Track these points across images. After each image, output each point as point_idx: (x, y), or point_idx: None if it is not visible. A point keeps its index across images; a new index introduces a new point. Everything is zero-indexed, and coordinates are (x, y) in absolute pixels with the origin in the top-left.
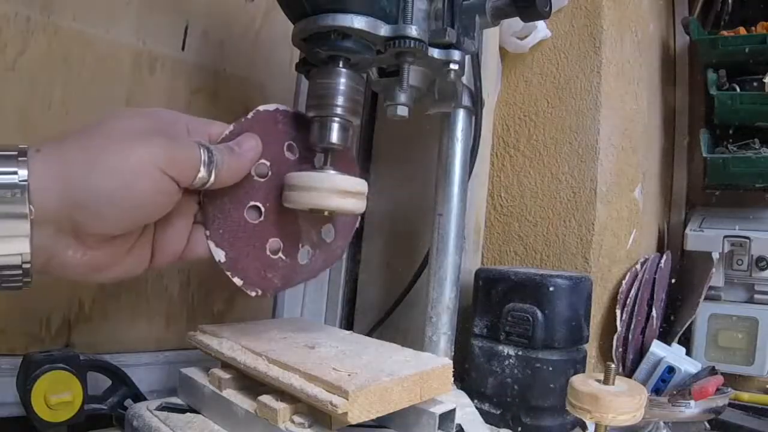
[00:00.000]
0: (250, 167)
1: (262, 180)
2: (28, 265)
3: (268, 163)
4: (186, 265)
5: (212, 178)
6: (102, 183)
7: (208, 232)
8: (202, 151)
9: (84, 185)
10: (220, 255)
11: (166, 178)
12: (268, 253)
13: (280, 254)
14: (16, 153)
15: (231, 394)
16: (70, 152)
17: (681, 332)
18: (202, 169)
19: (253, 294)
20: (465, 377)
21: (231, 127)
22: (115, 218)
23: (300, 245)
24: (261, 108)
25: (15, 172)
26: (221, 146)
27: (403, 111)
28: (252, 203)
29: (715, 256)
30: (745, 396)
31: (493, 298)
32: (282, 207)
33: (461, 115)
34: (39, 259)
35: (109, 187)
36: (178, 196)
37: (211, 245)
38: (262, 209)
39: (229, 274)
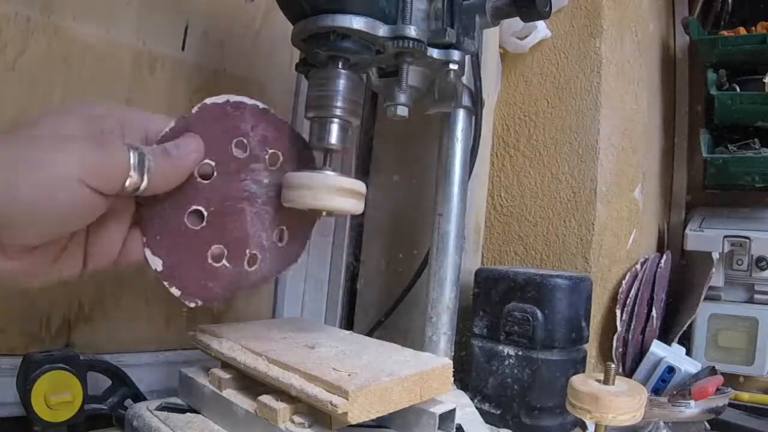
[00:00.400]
0: (189, 172)
1: (206, 182)
2: None
3: (213, 163)
4: None
5: (144, 183)
6: (19, 194)
7: (144, 238)
8: (132, 154)
9: (4, 195)
10: (156, 263)
11: (87, 190)
12: (209, 260)
13: (224, 261)
14: None
15: (231, 394)
16: None
17: (681, 332)
18: (133, 174)
19: (192, 305)
20: (465, 377)
21: (172, 123)
22: (33, 230)
23: (247, 251)
24: (208, 101)
25: None
26: (156, 148)
27: (402, 111)
28: (193, 207)
29: (715, 256)
30: (745, 396)
31: (493, 298)
32: (227, 210)
33: (461, 115)
34: None
35: (25, 200)
36: (104, 206)
37: (148, 253)
38: (205, 213)
39: (166, 284)
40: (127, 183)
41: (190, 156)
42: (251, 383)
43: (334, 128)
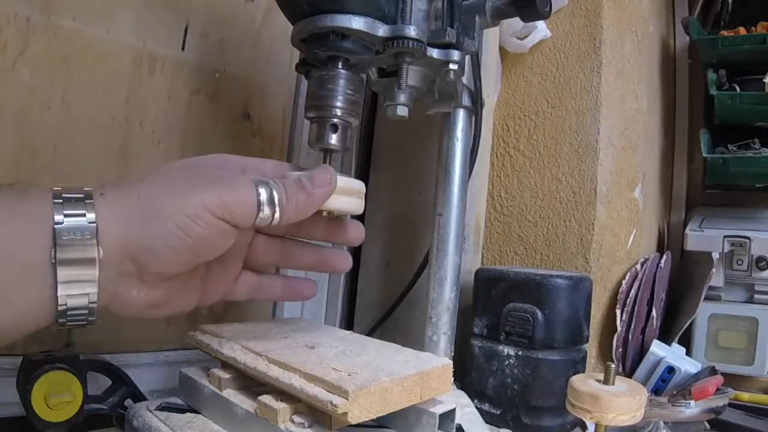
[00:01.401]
0: (323, 202)
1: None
2: (93, 305)
3: None
4: None
5: (278, 215)
6: (159, 229)
7: None
8: (260, 189)
9: (143, 230)
10: None
11: (220, 222)
12: None
13: None
14: (83, 195)
15: (231, 394)
16: (130, 199)
17: (681, 332)
18: (265, 208)
19: None
20: (465, 377)
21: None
22: (174, 259)
23: None
24: None
25: (84, 215)
26: (289, 180)
27: (402, 111)
28: None
29: (715, 256)
30: (745, 396)
31: (493, 298)
32: None
33: (461, 115)
34: (103, 299)
35: (165, 232)
36: (236, 235)
37: None
38: None
39: None
40: (260, 216)
41: (324, 187)
42: (251, 383)
43: (334, 128)
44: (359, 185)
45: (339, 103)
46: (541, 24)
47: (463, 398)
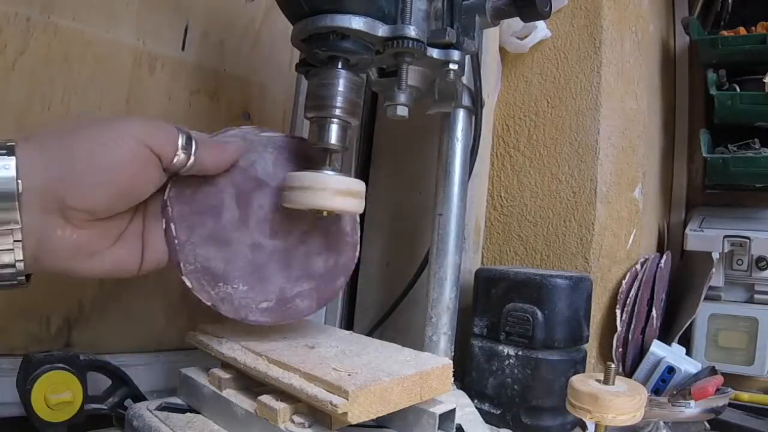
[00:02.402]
0: (233, 159)
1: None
2: (21, 263)
3: None
4: None
5: (191, 160)
6: (83, 153)
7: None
8: (179, 131)
9: (66, 158)
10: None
11: (146, 149)
12: None
13: None
14: (3, 141)
15: (231, 394)
16: (50, 136)
17: (681, 332)
18: (180, 152)
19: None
20: (465, 377)
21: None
22: (97, 191)
23: None
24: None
25: (4, 153)
26: (202, 135)
27: (402, 111)
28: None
29: (715, 256)
30: (745, 396)
31: (493, 298)
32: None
33: (461, 115)
34: (30, 244)
35: (90, 157)
36: (161, 176)
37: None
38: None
39: None
40: (176, 159)
41: (233, 146)
42: (251, 383)
43: (334, 128)
44: (359, 185)
45: (339, 103)
46: (541, 24)
47: (463, 398)
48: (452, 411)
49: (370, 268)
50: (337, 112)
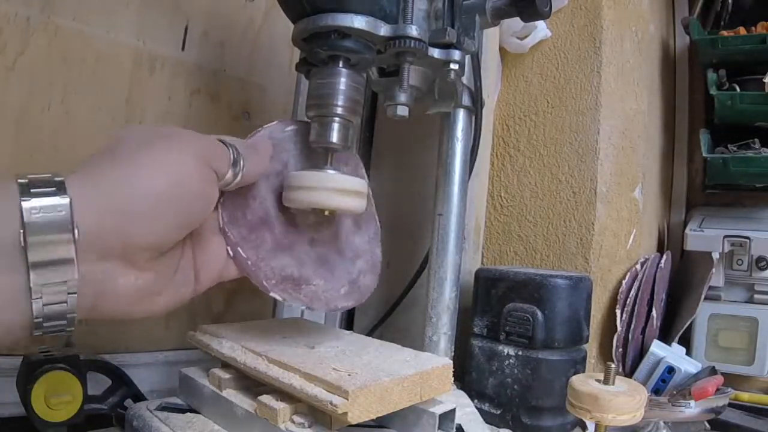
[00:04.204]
0: (268, 162)
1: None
2: (73, 316)
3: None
4: None
5: (239, 176)
6: (144, 183)
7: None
8: (227, 146)
9: (125, 191)
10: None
11: (207, 168)
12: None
13: None
14: (50, 175)
15: (231, 394)
16: (101, 167)
17: (681, 332)
18: (231, 163)
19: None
20: (465, 377)
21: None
22: (164, 221)
23: None
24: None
25: (54, 192)
26: (241, 142)
27: (403, 111)
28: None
29: (715, 256)
30: (745, 396)
31: (493, 298)
32: None
33: (461, 115)
34: (86, 296)
35: (153, 187)
36: (217, 194)
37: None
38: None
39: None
40: (229, 174)
41: (267, 150)
42: (251, 383)
43: (336, 127)
44: (361, 184)
45: (340, 102)
46: (541, 24)
47: (463, 398)
48: (452, 411)
49: None
50: (339, 110)
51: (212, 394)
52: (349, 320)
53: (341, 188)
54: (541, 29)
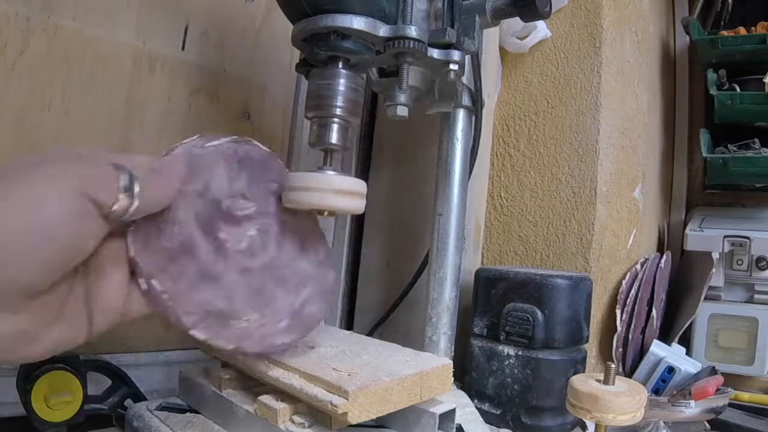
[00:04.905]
0: (177, 187)
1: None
2: None
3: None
4: None
5: (136, 204)
6: (10, 220)
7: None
8: (116, 169)
9: None
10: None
11: (83, 200)
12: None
13: None
14: None
15: (231, 394)
16: None
17: (681, 332)
18: (121, 190)
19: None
20: (465, 377)
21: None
22: (32, 261)
23: None
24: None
25: None
26: (143, 166)
27: (403, 111)
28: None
29: (715, 256)
30: (745, 396)
31: (493, 298)
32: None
33: (461, 115)
34: None
35: (17, 223)
36: (101, 226)
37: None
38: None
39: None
40: (116, 205)
41: (176, 171)
42: (251, 383)
43: (335, 128)
44: (361, 185)
45: (339, 103)
46: (541, 24)
47: (463, 398)
48: (452, 411)
49: (370, 268)
50: (338, 111)
51: (212, 394)
52: (349, 320)
53: (340, 189)
54: (541, 29)
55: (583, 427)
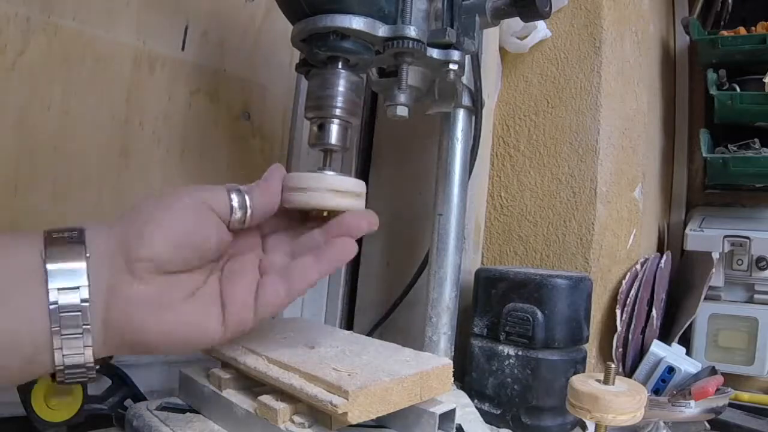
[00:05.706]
0: (279, 197)
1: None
2: (86, 304)
3: None
4: None
5: (249, 213)
6: (144, 211)
7: None
8: (229, 190)
9: (130, 219)
10: None
11: (201, 202)
12: None
13: None
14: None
15: (231, 394)
16: (115, 220)
17: (681, 332)
18: (234, 204)
19: None
20: (465, 377)
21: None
22: (157, 238)
23: None
24: None
25: (74, 232)
26: (249, 186)
27: (402, 111)
28: None
29: (715, 256)
30: (745, 396)
31: (493, 298)
32: None
33: (461, 115)
34: (98, 300)
35: (151, 212)
36: (224, 232)
37: None
38: None
39: None
40: (233, 216)
41: (278, 180)
42: (251, 383)
43: (334, 128)
44: (359, 185)
45: (339, 103)
46: (541, 24)
47: (463, 398)
48: (452, 411)
49: (370, 268)
50: (338, 112)
51: (212, 394)
52: (349, 320)
53: (340, 189)
54: (541, 29)
55: (583, 427)
